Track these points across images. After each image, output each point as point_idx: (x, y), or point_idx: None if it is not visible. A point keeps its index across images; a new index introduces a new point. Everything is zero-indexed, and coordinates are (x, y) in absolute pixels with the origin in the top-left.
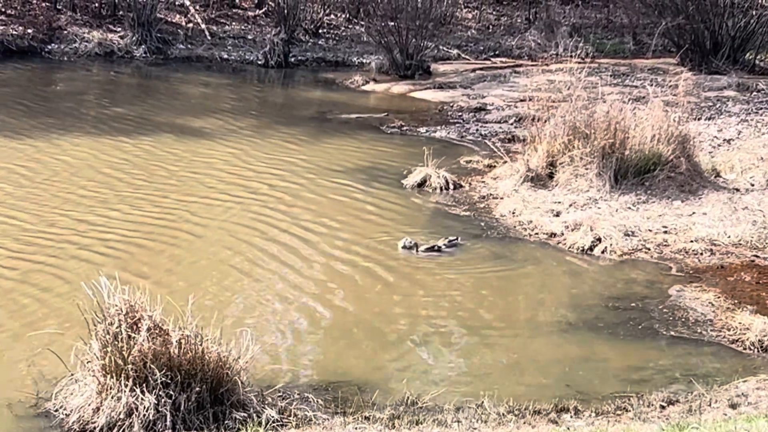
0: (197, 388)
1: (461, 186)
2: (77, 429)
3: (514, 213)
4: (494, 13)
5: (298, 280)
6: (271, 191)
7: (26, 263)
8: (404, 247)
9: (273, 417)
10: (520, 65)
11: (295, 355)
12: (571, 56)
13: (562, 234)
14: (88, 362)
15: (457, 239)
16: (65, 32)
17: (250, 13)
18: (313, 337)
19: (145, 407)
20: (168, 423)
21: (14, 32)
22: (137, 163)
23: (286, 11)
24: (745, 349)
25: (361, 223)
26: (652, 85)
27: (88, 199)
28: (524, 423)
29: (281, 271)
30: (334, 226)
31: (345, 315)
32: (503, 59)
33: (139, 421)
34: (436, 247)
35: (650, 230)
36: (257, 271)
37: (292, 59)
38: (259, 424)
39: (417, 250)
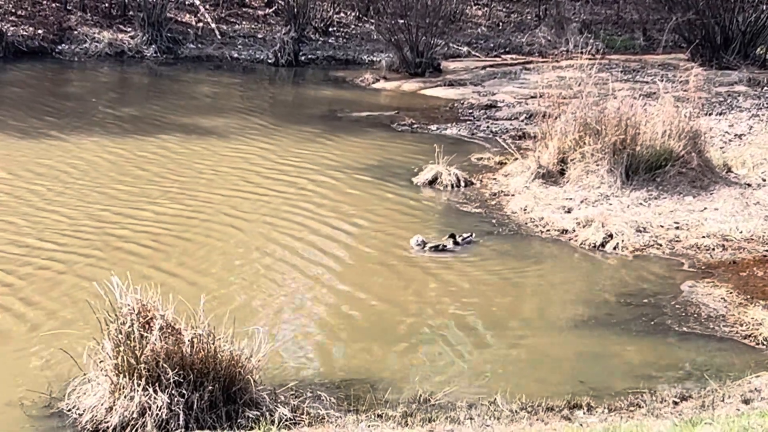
0: (210, 387)
1: (472, 183)
2: (90, 428)
3: (525, 210)
4: (504, 10)
5: (308, 279)
6: (280, 190)
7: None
8: (417, 244)
9: (286, 415)
10: (531, 62)
11: (307, 353)
12: (581, 53)
13: (574, 230)
14: (100, 362)
15: (470, 235)
16: (75, 33)
17: (260, 12)
18: (325, 335)
19: (158, 406)
20: (181, 422)
21: (25, 33)
22: (147, 163)
23: (296, 9)
24: (757, 344)
25: (372, 221)
26: (662, 80)
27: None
28: (537, 420)
29: (290, 270)
30: (344, 224)
31: (357, 312)
32: (513, 56)
33: (152, 420)
34: (441, 246)
35: (662, 226)
36: (266, 270)
37: (303, 58)
38: (272, 422)
39: (425, 248)
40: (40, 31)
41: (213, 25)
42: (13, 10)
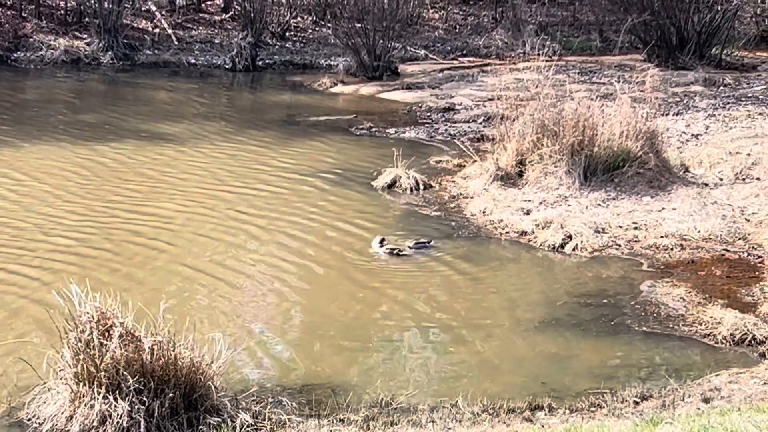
0: (170, 394)
1: (431, 186)
2: None
3: (484, 212)
4: (461, 12)
5: (269, 284)
6: (240, 196)
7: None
8: (378, 245)
9: (247, 421)
10: (488, 64)
11: (268, 359)
12: (538, 54)
13: (533, 232)
14: (60, 370)
15: (429, 242)
16: (31, 40)
17: (217, 18)
18: (286, 340)
19: (118, 414)
20: (142, 429)
21: None
22: (99, 169)
23: (252, 15)
24: (717, 343)
25: (332, 226)
26: (619, 81)
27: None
28: (499, 422)
29: (252, 274)
30: (304, 229)
31: (317, 317)
32: (471, 59)
33: (113, 428)
34: (396, 251)
35: (620, 226)
36: (228, 275)
37: (260, 62)
38: (234, 428)
39: (383, 251)
40: None
41: (169, 31)
42: None
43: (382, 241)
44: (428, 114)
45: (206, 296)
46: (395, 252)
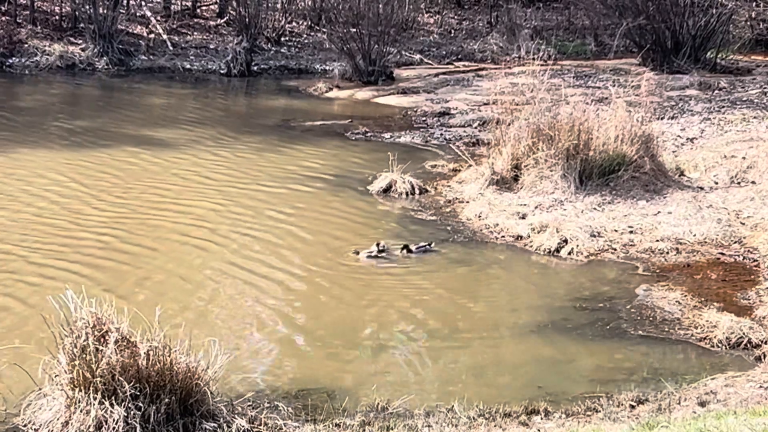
0: (166, 400)
1: (427, 190)
2: None
3: (480, 216)
4: (456, 17)
5: (265, 289)
6: (236, 200)
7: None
8: (376, 250)
9: (243, 427)
10: (483, 69)
11: (264, 364)
12: (533, 59)
13: (529, 236)
14: (56, 376)
15: (429, 244)
16: (26, 46)
17: (212, 23)
18: (282, 346)
19: (114, 420)
20: None
21: None
22: (97, 174)
23: (247, 20)
24: (712, 346)
25: (328, 230)
26: (614, 85)
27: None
28: (495, 426)
29: (248, 280)
30: (300, 234)
31: (313, 322)
32: (466, 63)
33: None
34: (373, 254)
35: (616, 230)
36: (224, 280)
37: (255, 67)
38: None
39: (380, 256)
40: None
41: (165, 37)
42: None
43: (378, 246)
44: (423, 118)
45: (201, 302)
46: (370, 254)
